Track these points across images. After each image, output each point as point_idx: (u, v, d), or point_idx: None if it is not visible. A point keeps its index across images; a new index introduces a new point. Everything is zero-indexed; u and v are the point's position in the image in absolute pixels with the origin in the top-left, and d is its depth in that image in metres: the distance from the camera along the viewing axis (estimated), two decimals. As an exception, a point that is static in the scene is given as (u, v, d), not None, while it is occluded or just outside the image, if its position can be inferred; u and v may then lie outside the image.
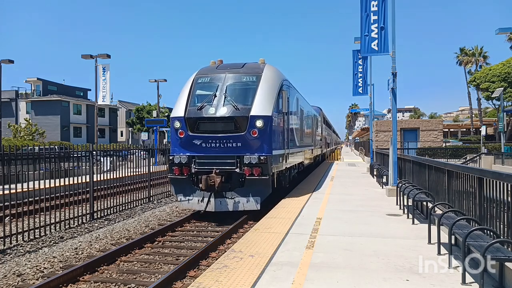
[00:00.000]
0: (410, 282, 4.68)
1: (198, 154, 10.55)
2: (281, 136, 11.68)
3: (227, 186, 10.38)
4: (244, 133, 10.24)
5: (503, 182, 4.73)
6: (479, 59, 53.02)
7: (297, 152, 14.96)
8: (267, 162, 10.13)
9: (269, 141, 10.45)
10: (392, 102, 12.51)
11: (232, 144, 10.33)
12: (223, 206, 10.34)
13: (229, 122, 10.35)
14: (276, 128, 11.02)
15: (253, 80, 10.98)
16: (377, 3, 11.83)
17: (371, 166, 19.50)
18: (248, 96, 10.74)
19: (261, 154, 10.22)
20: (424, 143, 34.50)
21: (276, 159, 10.89)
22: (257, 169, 10.08)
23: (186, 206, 11.05)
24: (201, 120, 10.49)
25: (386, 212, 9.24)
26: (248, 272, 5.07)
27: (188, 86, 11.35)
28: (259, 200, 10.21)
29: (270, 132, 10.44)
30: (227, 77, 11.09)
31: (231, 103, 10.44)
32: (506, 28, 21.26)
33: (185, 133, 10.66)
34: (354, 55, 23.51)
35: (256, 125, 10.17)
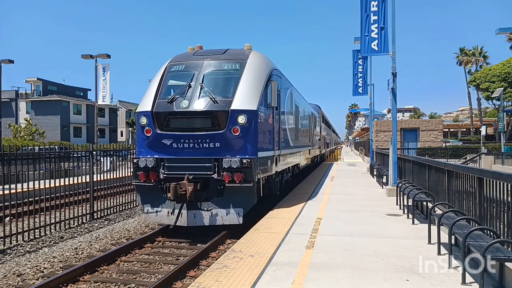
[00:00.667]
0: (410, 282, 4.68)
1: (167, 157, 8.84)
2: (270, 135, 9.95)
3: (203, 196, 8.72)
4: (224, 131, 8.51)
5: (503, 182, 4.73)
6: (479, 59, 53.00)
7: (291, 154, 13.30)
8: (251, 166, 8.43)
9: (254, 141, 8.79)
10: (392, 102, 12.51)
11: (209, 145, 8.62)
12: (198, 219, 8.57)
13: (205, 117, 8.64)
14: (263, 125, 9.35)
15: (236, 68, 9.27)
16: (377, 3, 11.83)
17: (371, 166, 19.50)
18: (229, 86, 9.04)
19: (243, 156, 8.53)
20: (424, 143, 34.49)
21: (263, 162, 9.20)
22: (239, 174, 8.37)
23: (154, 220, 9.23)
24: (171, 115, 8.75)
25: (386, 212, 9.24)
26: (248, 272, 5.07)
27: (159, 76, 9.64)
28: (241, 212, 8.49)
29: (255, 130, 8.78)
30: (205, 64, 9.36)
31: (209, 95, 8.70)
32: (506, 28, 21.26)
33: (152, 131, 8.90)
34: (354, 55, 23.52)
35: (238, 121, 8.49)
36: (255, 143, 8.83)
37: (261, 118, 9.12)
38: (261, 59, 9.99)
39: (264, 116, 9.38)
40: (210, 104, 8.64)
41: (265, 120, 9.49)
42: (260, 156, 8.95)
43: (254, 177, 8.57)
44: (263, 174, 9.25)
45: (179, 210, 8.58)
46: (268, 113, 9.69)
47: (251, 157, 8.55)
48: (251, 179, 8.52)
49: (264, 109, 9.35)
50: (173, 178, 8.64)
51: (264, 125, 9.43)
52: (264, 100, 9.36)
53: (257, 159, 8.72)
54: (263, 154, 9.29)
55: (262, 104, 9.12)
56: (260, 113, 9.02)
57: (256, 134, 8.83)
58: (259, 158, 8.85)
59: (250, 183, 8.51)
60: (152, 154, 8.98)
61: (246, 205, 8.62)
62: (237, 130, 8.53)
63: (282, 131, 11.27)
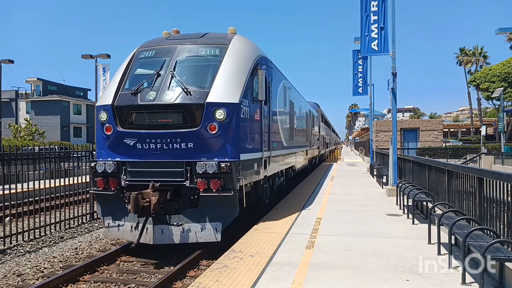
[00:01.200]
0: (410, 282, 4.68)
1: (130, 160, 7.46)
2: (257, 133, 8.50)
3: (173, 207, 7.34)
4: (198, 128, 7.10)
5: (503, 182, 4.74)
6: (479, 59, 53.02)
7: (284, 155, 11.98)
8: (231, 171, 7.06)
9: (236, 140, 7.38)
10: (392, 102, 12.51)
11: (180, 145, 7.23)
12: (166, 236, 7.13)
13: (175, 112, 7.25)
14: (248, 122, 7.93)
15: (215, 54, 7.91)
16: (377, 3, 11.84)
17: (371, 166, 19.51)
18: (206, 75, 7.67)
19: (222, 159, 7.14)
20: (424, 143, 34.50)
21: (247, 165, 7.83)
22: (216, 181, 7.00)
23: (115, 235, 7.74)
24: (135, 110, 7.38)
25: (386, 212, 9.24)
26: (248, 272, 5.07)
27: (125, 64, 8.32)
28: (219, 228, 7.05)
29: (237, 127, 7.38)
30: (179, 50, 8.01)
31: (181, 85, 7.33)
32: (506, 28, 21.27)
33: (113, 128, 7.51)
34: (354, 55, 23.53)
35: (215, 116, 7.10)
36: (237, 143, 7.41)
37: (245, 114, 7.73)
38: (246, 44, 8.55)
39: (249, 111, 7.96)
40: (182, 96, 7.25)
41: (250, 116, 8.05)
42: (243, 158, 7.55)
43: (235, 184, 7.19)
44: (248, 179, 7.92)
45: (143, 224, 7.14)
46: (254, 108, 8.28)
47: (231, 160, 7.15)
48: (232, 187, 7.13)
49: (249, 103, 7.95)
50: (137, 185, 7.29)
51: (249, 122, 8.01)
52: (249, 93, 7.98)
53: (239, 162, 7.34)
54: (248, 156, 7.89)
55: (246, 97, 7.73)
56: (244, 108, 7.62)
57: (238, 132, 7.42)
58: (242, 161, 7.48)
59: (230, 191, 7.09)
60: (113, 157, 7.61)
61: (226, 218, 7.18)
62: (214, 128, 7.14)
63: (273, 129, 9.89)
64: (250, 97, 8.05)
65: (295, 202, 10.70)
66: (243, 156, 7.56)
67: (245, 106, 7.69)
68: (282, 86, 11.68)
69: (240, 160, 7.39)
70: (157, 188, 7.11)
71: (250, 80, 7.99)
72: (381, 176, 14.46)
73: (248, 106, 7.86)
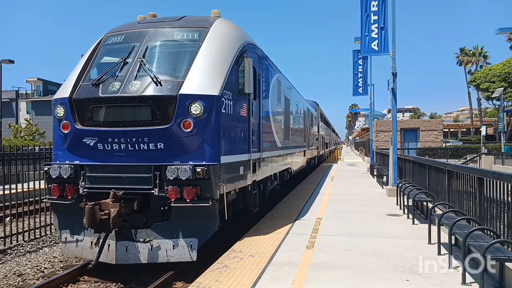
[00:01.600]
0: (410, 282, 4.69)
1: (90, 163, 6.38)
2: (243, 131, 7.43)
3: (140, 220, 6.29)
4: (170, 125, 6.03)
5: (503, 182, 4.74)
6: (479, 59, 53.04)
7: (278, 156, 10.78)
8: (209, 177, 5.96)
9: (215, 140, 6.30)
10: (392, 102, 12.52)
11: (148, 146, 6.14)
12: (131, 255, 6.07)
13: (142, 106, 6.19)
14: (232, 118, 6.86)
15: (194, 39, 6.83)
16: (377, 3, 11.84)
17: (371, 166, 19.51)
18: (181, 63, 6.62)
19: (198, 162, 6.05)
20: (424, 143, 34.51)
21: (230, 169, 6.75)
22: (191, 189, 5.91)
23: (73, 253, 6.59)
24: (95, 103, 6.33)
25: (386, 212, 9.24)
26: (248, 272, 5.07)
27: (90, 51, 7.30)
28: (195, 244, 5.98)
29: (217, 123, 6.31)
30: (151, 34, 6.95)
31: (150, 74, 6.27)
32: (506, 28, 21.27)
33: (71, 126, 6.44)
34: (354, 55, 23.55)
35: (190, 111, 6.04)
36: (217, 143, 6.31)
37: (228, 108, 6.63)
38: (230, 29, 7.47)
39: (233, 106, 6.84)
40: (150, 86, 6.18)
41: (235, 112, 6.94)
42: (225, 161, 6.45)
43: (214, 192, 6.07)
44: (232, 186, 6.81)
45: (103, 240, 6.09)
46: (240, 102, 7.18)
47: (209, 164, 6.03)
48: (210, 196, 6.02)
49: (233, 96, 6.84)
50: (98, 194, 6.22)
51: (233, 118, 6.91)
52: (234, 84, 6.94)
53: (219, 165, 6.22)
54: (231, 158, 6.78)
55: (229, 89, 6.65)
56: (226, 101, 6.54)
57: (218, 130, 6.32)
58: (223, 165, 6.36)
59: (208, 201, 5.96)
60: (72, 159, 6.52)
61: (203, 233, 6.10)
62: (189, 125, 6.04)
63: (264, 127, 8.79)
64: (235, 90, 6.96)
65: (295, 202, 10.70)
66: (224, 158, 6.46)
67: (227, 100, 6.61)
68: (276, 80, 10.56)
69: (220, 164, 6.28)
70: (120, 197, 6.05)
71: (234, 70, 6.92)
72: (381, 176, 14.47)
73: (231, 99, 6.75)
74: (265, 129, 8.95)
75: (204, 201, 5.99)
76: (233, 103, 6.86)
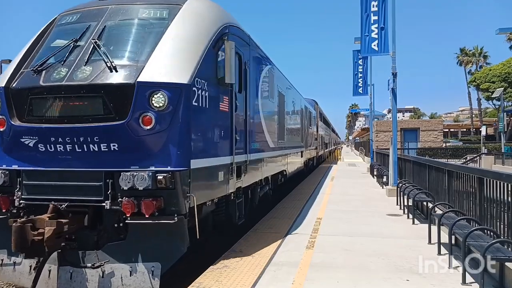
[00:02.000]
0: (410, 282, 4.69)
1: (28, 168, 5.28)
2: (224, 129, 6.16)
3: (90, 239, 5.17)
4: (126, 121, 4.89)
5: (503, 182, 4.75)
6: (479, 59, 53.11)
7: (271, 158, 9.62)
8: (174, 186, 4.87)
9: (184, 139, 5.13)
10: (392, 102, 12.53)
11: (99, 147, 4.99)
12: (77, 284, 4.96)
13: (93, 97, 5.06)
14: (207, 112, 5.62)
15: (162, 17, 5.71)
16: (377, 3, 11.85)
17: (371, 166, 19.52)
18: (144, 45, 5.41)
19: (162, 167, 4.93)
20: (424, 143, 34.53)
21: (205, 175, 5.56)
22: (151, 201, 4.79)
23: (9, 278, 5.39)
24: (35, 94, 5.20)
25: (386, 212, 9.24)
26: (248, 272, 5.07)
27: (38, 33, 6.15)
28: (157, 270, 4.87)
29: (187, 119, 5.13)
30: (112, 11, 5.80)
31: (105, 58, 5.12)
32: (506, 28, 21.30)
33: (7, 122, 5.32)
34: (354, 55, 23.56)
35: (151, 103, 4.92)
36: (186, 144, 5.14)
37: (202, 100, 5.43)
38: (207, 7, 6.28)
39: (209, 98, 5.61)
40: (103, 73, 5.04)
41: (211, 105, 5.71)
42: (197, 166, 5.23)
43: (182, 205, 4.93)
44: (208, 195, 5.68)
45: (40, 265, 4.97)
46: (219, 94, 6.00)
47: (175, 169, 4.90)
48: (176, 209, 4.91)
49: (209, 86, 5.62)
50: (40, 206, 5.10)
51: (209, 113, 5.69)
52: (211, 72, 5.75)
53: (189, 171, 5.04)
54: (207, 162, 5.55)
55: (203, 77, 5.45)
56: (199, 92, 5.36)
57: (187, 127, 5.14)
58: (195, 170, 5.16)
59: (173, 216, 4.84)
60: (9, 163, 5.38)
61: (167, 256, 4.99)
62: (150, 120, 4.91)
63: (252, 125, 7.65)
64: (212, 79, 5.76)
65: (295, 202, 10.70)
66: (197, 162, 5.23)
67: (201, 90, 5.40)
68: (268, 73, 9.41)
69: (191, 169, 5.07)
70: (65, 210, 4.99)
71: (211, 55, 5.75)
72: (381, 176, 14.47)
73: (207, 90, 5.54)
74: (253, 127, 7.83)
75: (169, 217, 4.87)
76: (210, 94, 5.63)
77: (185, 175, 5.02)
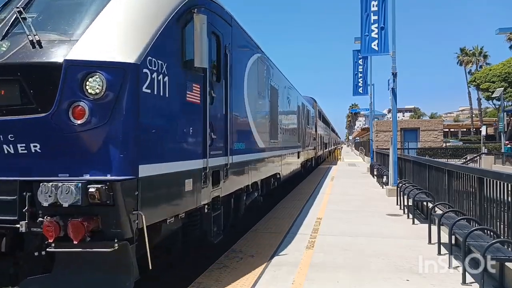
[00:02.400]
0: (410, 282, 4.69)
1: None
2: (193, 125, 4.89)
3: (5, 271, 4.09)
4: (50, 113, 3.73)
5: (504, 182, 4.75)
6: (479, 59, 53.16)
7: (260, 160, 8.46)
8: (114, 201, 3.65)
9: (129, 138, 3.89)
10: (392, 102, 12.53)
11: (15, 148, 3.84)
12: None
13: (6, 81, 3.89)
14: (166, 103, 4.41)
15: None
16: (377, 3, 11.85)
17: (371, 166, 19.52)
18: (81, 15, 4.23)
19: (98, 175, 3.74)
20: (425, 143, 34.55)
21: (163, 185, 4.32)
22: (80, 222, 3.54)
23: None
24: None
25: (386, 212, 9.24)
26: (248, 272, 5.07)
27: None
28: None
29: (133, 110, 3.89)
30: None
31: (27, 30, 3.95)
32: (506, 28, 21.32)
33: None
34: (354, 55, 23.56)
35: (85, 89, 3.76)
36: (134, 143, 3.89)
37: (158, 87, 4.18)
38: None
39: (170, 84, 4.37)
40: (22, 49, 3.88)
41: (172, 94, 4.43)
42: (149, 173, 3.98)
43: (126, 226, 3.71)
44: (168, 211, 4.41)
45: None
46: (185, 80, 4.73)
47: (116, 178, 3.69)
48: (118, 232, 3.70)
49: (171, 69, 4.39)
50: None
51: (170, 104, 4.45)
52: (173, 52, 4.53)
53: (136, 181, 3.80)
54: (165, 168, 4.27)
55: (162, 57, 4.22)
56: (155, 75, 4.12)
57: (134, 121, 3.88)
58: (146, 179, 3.92)
59: (113, 242, 3.63)
60: None
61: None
62: (82, 112, 3.73)
63: (235, 122, 6.53)
64: (175, 61, 4.53)
65: (295, 202, 10.70)
66: (148, 168, 3.94)
67: (157, 74, 4.13)
68: (257, 62, 8.15)
69: (139, 178, 3.80)
70: None
71: (173, 29, 4.52)
72: (381, 176, 14.47)
73: (166, 74, 4.29)
74: (237, 124, 6.70)
75: (106, 243, 3.61)
76: (171, 80, 4.37)
77: (130, 186, 3.71)
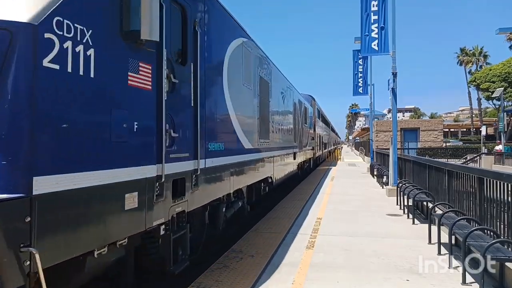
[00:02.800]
0: (410, 282, 4.69)
1: None
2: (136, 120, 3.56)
3: None
4: None
5: (504, 182, 4.74)
6: (479, 59, 53.17)
7: (245, 163, 7.32)
8: None
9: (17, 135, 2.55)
10: (392, 102, 12.52)
11: None
12: None
13: None
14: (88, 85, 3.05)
15: None
16: (377, 3, 11.85)
17: (371, 166, 19.51)
18: None
19: None
20: (425, 143, 34.54)
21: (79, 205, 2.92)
22: None
23: None
24: None
25: (386, 212, 9.24)
26: (248, 272, 5.06)
27: None
28: None
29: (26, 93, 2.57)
30: None
31: None
32: (506, 28, 21.31)
33: None
34: (354, 55, 23.55)
35: None
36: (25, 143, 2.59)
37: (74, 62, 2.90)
38: None
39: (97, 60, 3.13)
40: None
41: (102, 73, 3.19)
42: (54, 188, 2.69)
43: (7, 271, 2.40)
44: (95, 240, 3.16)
45: None
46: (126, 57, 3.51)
47: None
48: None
49: (100, 39, 3.18)
50: None
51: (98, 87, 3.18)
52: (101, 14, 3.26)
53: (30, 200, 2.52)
54: (84, 178, 2.97)
55: (81, 18, 2.98)
56: (68, 44, 2.84)
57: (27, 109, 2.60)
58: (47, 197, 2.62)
59: None
60: None
61: None
62: None
63: (212, 117, 5.48)
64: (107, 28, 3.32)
65: (295, 202, 10.70)
66: (53, 180, 2.70)
67: (73, 42, 2.91)
68: (241, 46, 7.08)
69: (34, 196, 2.54)
70: None
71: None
72: (381, 176, 14.46)
73: (91, 45, 3.08)
74: (214, 120, 5.63)
75: None
76: (100, 55, 3.17)
77: (14, 209, 2.46)
